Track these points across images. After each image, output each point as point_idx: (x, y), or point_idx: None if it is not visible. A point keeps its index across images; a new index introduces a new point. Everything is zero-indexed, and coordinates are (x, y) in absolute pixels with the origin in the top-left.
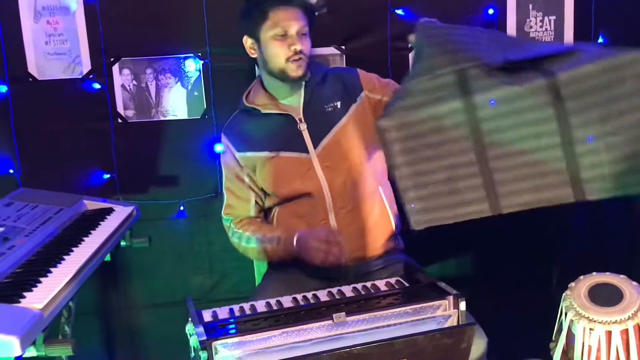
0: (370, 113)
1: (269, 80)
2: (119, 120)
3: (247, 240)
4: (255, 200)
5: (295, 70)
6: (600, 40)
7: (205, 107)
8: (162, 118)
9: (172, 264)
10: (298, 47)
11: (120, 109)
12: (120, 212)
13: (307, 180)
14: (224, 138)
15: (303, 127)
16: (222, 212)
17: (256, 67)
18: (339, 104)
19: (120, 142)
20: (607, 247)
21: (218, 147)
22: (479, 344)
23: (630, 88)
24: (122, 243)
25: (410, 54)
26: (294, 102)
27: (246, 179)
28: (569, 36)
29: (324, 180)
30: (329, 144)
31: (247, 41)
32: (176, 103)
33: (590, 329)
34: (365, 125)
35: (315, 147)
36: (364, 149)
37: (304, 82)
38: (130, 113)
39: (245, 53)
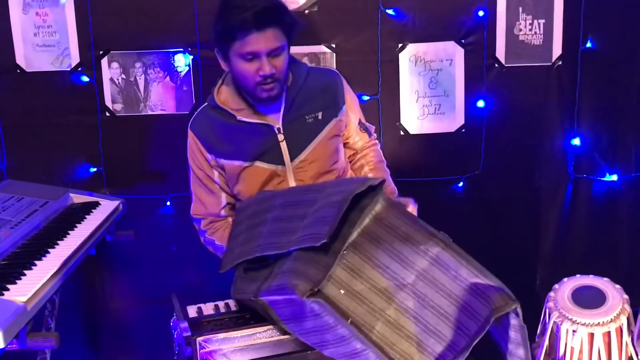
0: (340, 130)
1: (244, 93)
2: (107, 114)
3: (218, 248)
4: (227, 202)
5: (265, 93)
6: (589, 44)
7: (194, 102)
8: (150, 112)
9: (158, 259)
10: (267, 71)
11: (108, 102)
12: (107, 206)
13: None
14: (191, 134)
15: (281, 137)
16: (191, 212)
17: None
18: (320, 114)
19: (108, 136)
20: (591, 250)
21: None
22: None
23: None
24: (108, 237)
25: (400, 54)
26: (274, 109)
27: (217, 179)
28: (557, 39)
29: None
30: (307, 158)
31: (217, 54)
32: (165, 98)
33: (573, 330)
34: (337, 140)
35: (292, 159)
36: (335, 165)
37: (284, 91)
38: (118, 107)
39: None
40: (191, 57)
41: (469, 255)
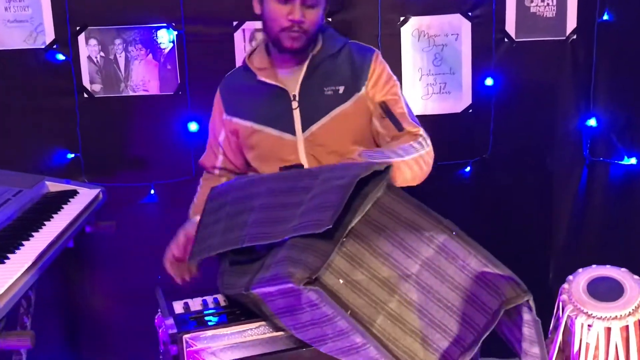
0: (368, 112)
1: (270, 44)
2: (85, 95)
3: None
4: (223, 166)
5: (289, 41)
6: (605, 17)
7: (179, 82)
8: (131, 93)
9: (142, 252)
10: (296, 17)
11: (86, 82)
12: (85, 195)
13: (287, 164)
14: (217, 94)
15: (295, 105)
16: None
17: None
18: (341, 89)
19: (86, 119)
20: (608, 239)
21: (192, 126)
22: None
23: None
24: (87, 229)
25: (402, 28)
26: (293, 74)
27: (222, 140)
28: (572, 12)
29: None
30: (319, 131)
31: None
32: (147, 77)
33: (589, 325)
34: (361, 121)
35: (303, 130)
36: (353, 146)
37: (310, 54)
38: (97, 87)
39: (224, 24)
40: (175, 32)
41: (477, 243)
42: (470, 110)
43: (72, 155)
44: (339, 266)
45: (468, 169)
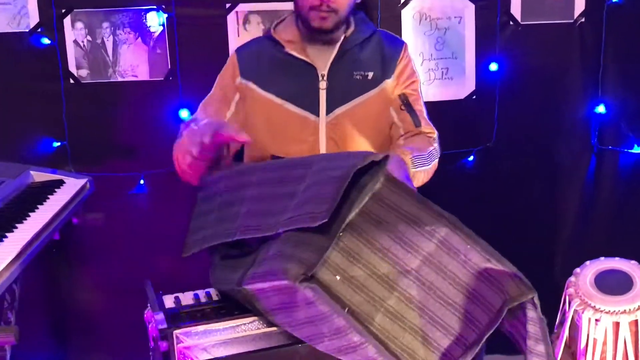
0: (390, 102)
1: (300, 22)
2: (71, 81)
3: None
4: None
5: (317, 20)
6: None
7: (169, 67)
8: (120, 79)
9: (131, 244)
10: None
11: (72, 67)
12: (72, 185)
13: (304, 147)
14: (233, 55)
15: (323, 85)
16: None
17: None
18: (370, 74)
19: (72, 106)
20: (616, 230)
21: (184, 113)
22: None
23: None
24: (74, 220)
25: (402, 10)
26: (323, 54)
27: (232, 108)
28: None
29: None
30: (343, 115)
31: None
32: (136, 62)
33: (596, 319)
34: (383, 109)
35: (327, 112)
36: (375, 136)
37: (342, 37)
38: (83, 73)
39: (216, 6)
40: (166, 15)
41: (480, 237)
42: (474, 97)
43: (58, 144)
44: (336, 262)
45: (471, 158)
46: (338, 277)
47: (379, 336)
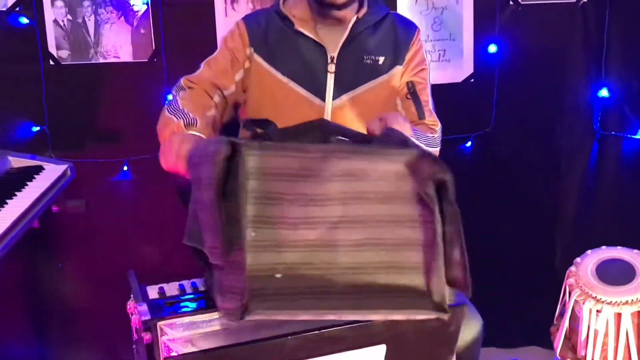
0: (397, 88)
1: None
2: (51, 63)
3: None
4: (229, 97)
5: None
6: None
7: (154, 48)
8: (102, 60)
9: (114, 233)
10: None
11: (52, 48)
12: (52, 171)
13: None
14: (241, 23)
15: (332, 69)
16: (184, 78)
17: None
18: (381, 59)
19: (52, 89)
20: (619, 218)
21: (170, 97)
22: (472, 327)
23: None
24: (54, 208)
25: None
26: (334, 35)
27: (241, 72)
28: None
29: None
30: (351, 100)
31: None
32: (119, 43)
33: (598, 310)
34: (391, 96)
35: (334, 97)
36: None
37: (354, 18)
38: (64, 54)
39: None
40: None
41: (379, 146)
42: (472, 80)
43: (37, 128)
44: (265, 262)
45: (469, 144)
46: (278, 275)
47: (352, 299)
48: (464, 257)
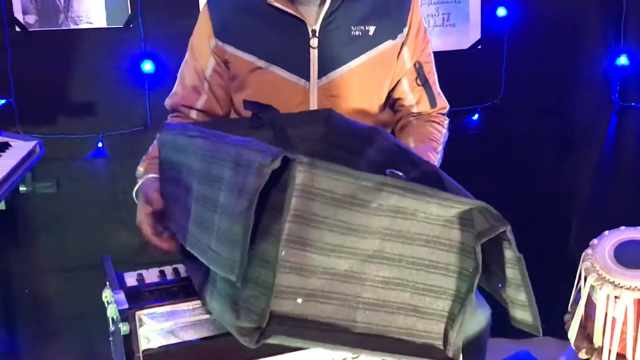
0: (393, 67)
1: None
2: (17, 29)
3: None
4: (207, 108)
5: None
6: None
7: (129, 12)
8: (73, 26)
9: (88, 216)
10: None
11: (18, 13)
12: (19, 148)
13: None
14: (205, 9)
15: (314, 43)
16: (165, 102)
17: None
18: (372, 29)
19: (19, 58)
20: (638, 196)
21: (147, 66)
22: (479, 316)
23: None
24: (22, 188)
25: None
26: (314, 4)
27: (208, 73)
28: None
29: None
30: (339, 78)
31: None
32: (92, 7)
33: (616, 296)
34: (385, 75)
35: (320, 76)
36: (374, 105)
37: None
38: (31, 19)
39: None
40: None
41: (433, 189)
42: (479, 47)
43: (3, 101)
44: (289, 284)
45: (476, 116)
46: (299, 300)
47: (367, 333)
48: (531, 299)
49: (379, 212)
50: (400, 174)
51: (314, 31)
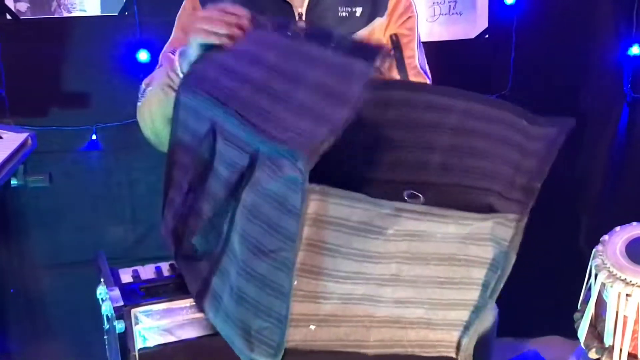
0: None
1: None
2: (8, 17)
3: (150, 93)
4: None
5: None
6: None
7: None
8: (66, 14)
9: (82, 210)
10: None
11: (9, 1)
12: (11, 141)
13: None
14: None
15: (301, 26)
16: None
17: None
18: (358, 10)
19: (10, 47)
20: None
21: (143, 55)
22: (485, 315)
23: None
24: (13, 182)
25: None
26: None
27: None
28: None
29: None
30: None
31: None
32: None
33: (627, 294)
34: None
35: None
36: None
37: None
38: (22, 7)
39: None
40: None
41: (447, 208)
42: (487, 36)
43: None
44: (302, 312)
45: None
46: (312, 327)
47: (381, 351)
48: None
49: (395, 237)
50: (420, 195)
51: (300, 14)
